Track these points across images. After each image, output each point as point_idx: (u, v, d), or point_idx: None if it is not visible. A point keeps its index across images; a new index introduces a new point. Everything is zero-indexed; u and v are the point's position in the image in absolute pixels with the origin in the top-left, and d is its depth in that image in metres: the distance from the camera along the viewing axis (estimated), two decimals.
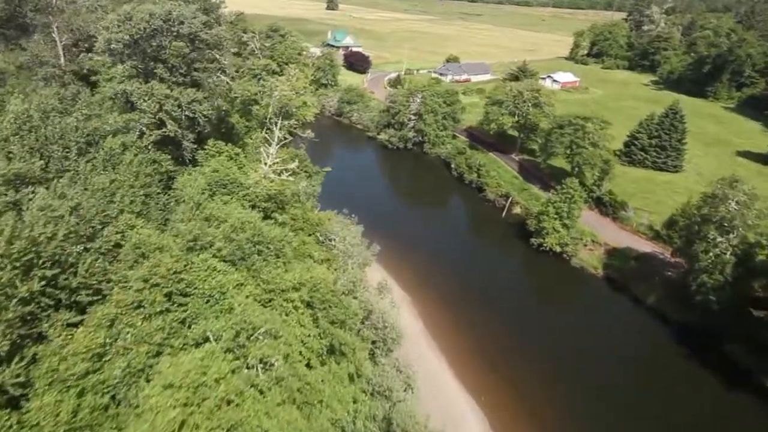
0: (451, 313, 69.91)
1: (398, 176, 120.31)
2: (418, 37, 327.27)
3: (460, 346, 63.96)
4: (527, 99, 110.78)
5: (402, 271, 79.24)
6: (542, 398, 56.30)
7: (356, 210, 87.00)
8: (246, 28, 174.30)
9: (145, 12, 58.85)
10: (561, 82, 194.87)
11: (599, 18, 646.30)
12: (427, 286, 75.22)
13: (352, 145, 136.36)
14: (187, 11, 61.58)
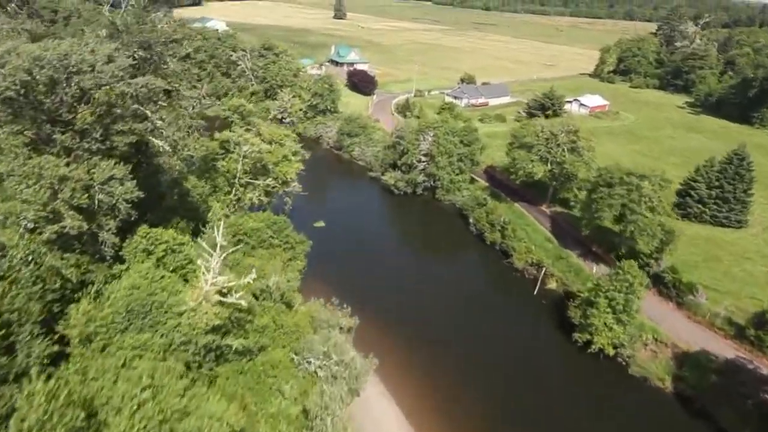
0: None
1: (404, 230, 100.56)
2: (429, 50, 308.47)
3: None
4: (563, 143, 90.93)
5: (403, 376, 60.01)
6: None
7: (351, 275, 75.93)
8: (235, 46, 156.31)
9: (26, 55, 40.05)
10: (589, 107, 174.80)
11: (618, 28, 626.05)
12: (443, 397, 56.17)
13: (352, 187, 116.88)
14: (93, 55, 42.64)
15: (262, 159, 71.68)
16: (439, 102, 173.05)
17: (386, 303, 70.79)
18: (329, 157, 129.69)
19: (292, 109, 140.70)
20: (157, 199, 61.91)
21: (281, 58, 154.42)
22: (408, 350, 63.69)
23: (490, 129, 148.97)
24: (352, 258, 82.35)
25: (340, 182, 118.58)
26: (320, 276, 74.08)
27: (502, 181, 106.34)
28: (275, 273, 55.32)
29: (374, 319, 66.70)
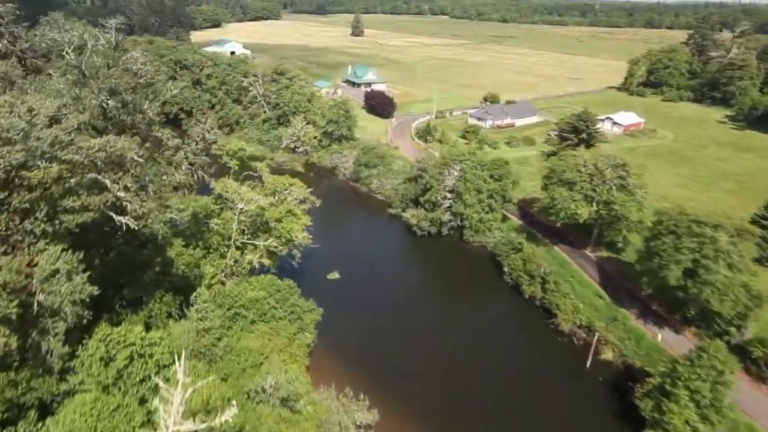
0: None
1: (430, 281, 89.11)
2: (449, 66, 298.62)
3: None
4: (609, 179, 79.25)
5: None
6: None
7: (369, 345, 65.92)
8: (247, 72, 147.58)
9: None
10: (623, 125, 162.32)
11: (640, 37, 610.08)
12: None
13: (370, 226, 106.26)
14: (30, 116, 32.95)
15: (262, 215, 61.49)
16: (461, 123, 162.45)
17: (412, 383, 59.59)
18: (345, 190, 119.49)
19: (305, 137, 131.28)
20: (137, 270, 52.17)
21: (294, 82, 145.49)
22: None
23: (518, 154, 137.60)
24: (371, 320, 71.43)
25: (357, 220, 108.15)
26: (333, 346, 63.49)
27: (538, 219, 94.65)
28: (275, 371, 44.52)
29: (398, 405, 55.63)
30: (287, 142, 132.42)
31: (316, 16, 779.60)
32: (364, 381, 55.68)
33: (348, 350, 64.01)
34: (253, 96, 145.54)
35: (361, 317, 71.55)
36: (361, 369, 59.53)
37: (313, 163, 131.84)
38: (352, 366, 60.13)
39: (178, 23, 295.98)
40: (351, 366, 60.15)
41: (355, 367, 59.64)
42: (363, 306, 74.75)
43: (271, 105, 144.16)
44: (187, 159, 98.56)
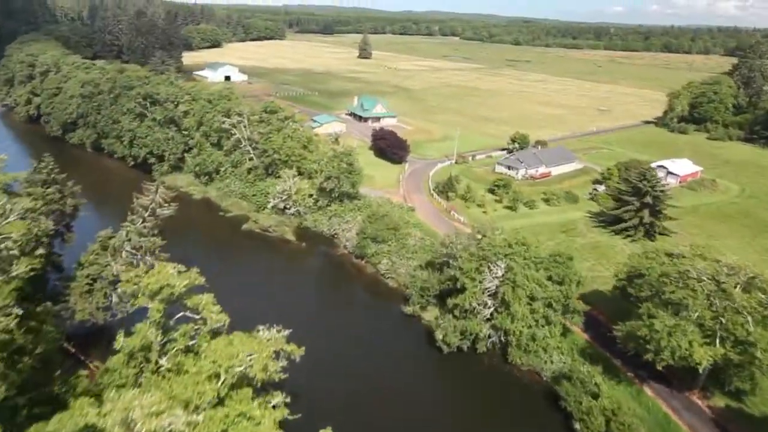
0: None
1: (459, 426, 61.76)
2: (465, 94, 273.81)
3: None
4: (742, 306, 52.23)
5: None
6: None
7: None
8: (230, 110, 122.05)
9: None
10: (680, 175, 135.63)
11: (660, 62, 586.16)
12: None
13: (376, 327, 78.45)
14: None
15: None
16: (487, 172, 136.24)
17: None
18: (346, 268, 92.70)
19: (297, 195, 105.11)
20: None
21: (287, 124, 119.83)
22: None
23: (562, 216, 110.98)
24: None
25: (358, 318, 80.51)
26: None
27: (614, 337, 67.29)
28: None
29: None
30: (275, 201, 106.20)
31: (322, 35, 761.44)
32: None
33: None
34: (236, 140, 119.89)
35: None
36: None
37: (307, 227, 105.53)
38: None
39: (169, 44, 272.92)
40: None
41: None
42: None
43: (258, 151, 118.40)
44: (129, 241, 72.65)
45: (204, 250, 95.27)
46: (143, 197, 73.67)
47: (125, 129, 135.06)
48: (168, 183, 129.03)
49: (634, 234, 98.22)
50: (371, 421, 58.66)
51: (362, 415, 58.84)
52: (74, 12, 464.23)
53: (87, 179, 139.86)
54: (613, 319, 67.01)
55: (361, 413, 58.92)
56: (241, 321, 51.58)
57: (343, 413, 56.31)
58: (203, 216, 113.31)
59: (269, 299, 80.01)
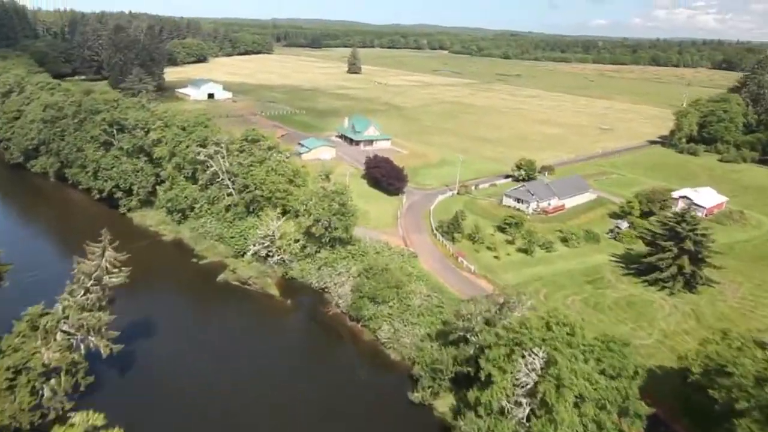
0: None
1: None
2: (459, 112, 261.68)
3: None
4: None
5: None
6: None
7: None
8: (206, 138, 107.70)
9: None
10: (705, 207, 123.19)
11: (650, 75, 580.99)
12: None
13: (375, 425, 63.53)
14: None
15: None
16: (494, 206, 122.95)
17: None
18: (339, 333, 78.16)
19: (281, 240, 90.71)
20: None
21: (271, 155, 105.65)
22: None
23: (584, 261, 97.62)
24: None
25: (355, 408, 65.43)
26: None
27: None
28: None
29: None
30: (256, 248, 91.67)
31: (310, 49, 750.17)
32: None
33: None
34: (213, 173, 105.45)
35: None
36: None
37: (293, 278, 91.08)
38: None
39: (150, 60, 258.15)
40: None
41: None
42: None
43: (238, 186, 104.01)
44: (67, 319, 57.84)
45: (169, 310, 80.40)
46: (86, 262, 58.90)
47: (89, 159, 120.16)
48: (136, 221, 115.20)
49: (672, 285, 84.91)
50: None
51: None
52: (57, 26, 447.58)
53: (46, 214, 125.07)
54: (677, 417, 53.20)
55: None
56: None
57: None
58: (173, 262, 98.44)
59: (241, 375, 65.50)
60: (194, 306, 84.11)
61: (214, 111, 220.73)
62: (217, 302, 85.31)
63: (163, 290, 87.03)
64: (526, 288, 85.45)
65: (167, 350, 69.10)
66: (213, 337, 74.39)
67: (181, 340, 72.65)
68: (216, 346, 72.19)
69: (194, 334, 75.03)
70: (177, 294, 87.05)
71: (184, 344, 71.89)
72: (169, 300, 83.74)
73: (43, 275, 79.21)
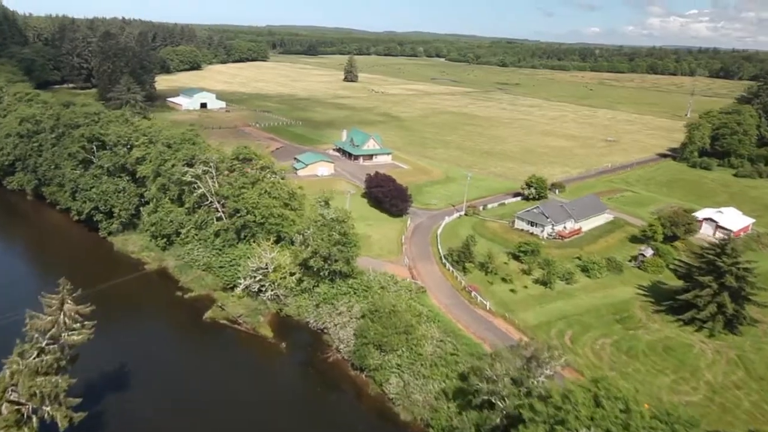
0: None
1: None
2: (459, 123, 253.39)
3: None
4: None
5: None
6: None
7: None
8: (194, 156, 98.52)
9: None
10: (732, 231, 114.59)
11: (649, 84, 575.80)
12: None
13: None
14: None
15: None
16: (504, 227, 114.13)
17: None
18: (340, 385, 68.75)
19: (275, 273, 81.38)
20: None
21: (264, 176, 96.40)
22: None
23: (609, 295, 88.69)
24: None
25: None
26: None
27: None
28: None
29: None
30: (248, 282, 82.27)
31: (306, 56, 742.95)
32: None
33: None
34: (201, 195, 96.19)
35: None
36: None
37: (288, 315, 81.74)
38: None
39: (140, 68, 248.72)
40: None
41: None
42: None
43: (229, 210, 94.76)
44: (15, 388, 48.29)
45: (148, 357, 70.64)
46: (40, 316, 49.47)
47: (67, 178, 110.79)
48: (117, 246, 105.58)
49: (711, 326, 76.04)
50: None
51: None
52: (49, 33, 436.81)
53: (18, 238, 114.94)
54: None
55: None
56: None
57: None
58: (155, 297, 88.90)
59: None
60: (177, 352, 74.49)
61: (206, 122, 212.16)
62: (203, 347, 75.79)
63: (143, 332, 77.44)
64: (548, 329, 76.67)
65: (143, 412, 59.51)
66: (197, 393, 64.80)
67: (161, 397, 63.13)
68: (201, 404, 62.64)
69: (176, 388, 65.47)
70: (158, 337, 77.37)
71: (166, 402, 62.36)
72: (149, 344, 74.12)
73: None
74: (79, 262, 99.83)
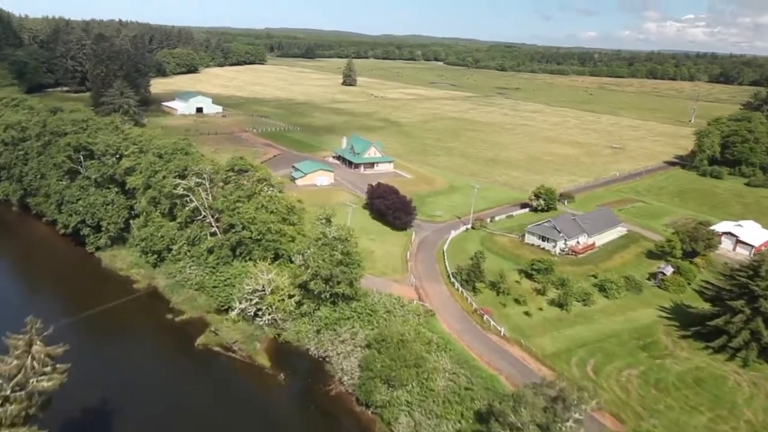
0: None
1: None
2: (461, 128, 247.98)
3: None
4: None
5: None
6: None
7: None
8: (186, 168, 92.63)
9: None
10: (753, 246, 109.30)
11: (649, 89, 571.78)
12: None
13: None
14: None
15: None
16: (514, 242, 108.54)
17: None
18: (343, 422, 62.64)
19: (273, 296, 75.40)
20: None
21: (261, 190, 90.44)
22: None
23: (630, 318, 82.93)
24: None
25: None
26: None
27: None
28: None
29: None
30: (243, 305, 76.27)
31: (304, 60, 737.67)
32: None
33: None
34: (194, 209, 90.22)
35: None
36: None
37: (286, 341, 75.75)
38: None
39: (135, 72, 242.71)
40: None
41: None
42: None
43: (223, 225, 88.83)
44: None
45: (134, 392, 64.48)
46: (5, 359, 43.45)
47: (52, 189, 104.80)
48: (105, 262, 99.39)
49: (745, 355, 70.40)
50: None
51: None
52: (44, 35, 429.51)
53: (1, 252, 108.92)
54: None
55: None
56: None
57: None
58: (144, 320, 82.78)
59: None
60: (166, 386, 68.31)
61: (202, 127, 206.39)
62: (194, 378, 69.59)
63: (129, 362, 71.17)
64: (568, 358, 70.92)
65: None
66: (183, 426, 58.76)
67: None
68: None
69: (164, 427, 59.33)
70: (146, 368, 70.99)
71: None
72: (136, 377, 67.89)
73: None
74: (63, 280, 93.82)
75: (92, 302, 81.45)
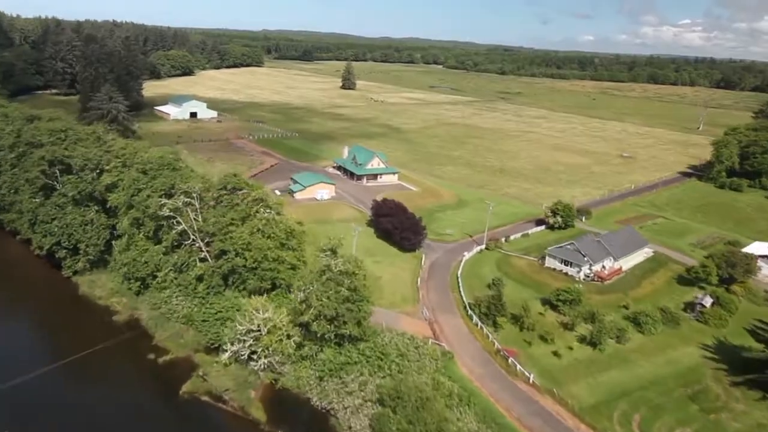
0: None
1: None
2: (465, 136, 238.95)
3: None
4: None
5: None
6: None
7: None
8: (173, 186, 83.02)
9: None
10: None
11: (651, 94, 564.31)
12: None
13: None
14: None
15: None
16: (533, 266, 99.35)
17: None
18: None
19: (270, 337, 65.83)
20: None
21: (259, 209, 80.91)
22: None
23: (671, 359, 73.75)
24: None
25: None
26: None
27: None
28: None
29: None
30: (236, 347, 66.70)
31: (301, 62, 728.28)
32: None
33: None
34: (182, 232, 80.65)
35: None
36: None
37: (284, 387, 66.16)
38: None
39: (126, 74, 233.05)
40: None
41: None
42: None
43: (215, 251, 79.29)
44: None
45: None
46: None
47: (25, 207, 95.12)
48: (83, 288, 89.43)
49: None
50: None
51: None
52: (36, 35, 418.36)
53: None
54: None
55: None
56: None
57: None
58: (123, 360, 73.03)
59: None
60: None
61: (195, 133, 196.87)
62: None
63: (103, 417, 61.38)
64: (609, 411, 61.71)
65: None
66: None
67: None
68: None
69: None
70: (122, 424, 61.29)
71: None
72: None
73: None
74: (35, 313, 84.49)
75: (65, 344, 72.09)
